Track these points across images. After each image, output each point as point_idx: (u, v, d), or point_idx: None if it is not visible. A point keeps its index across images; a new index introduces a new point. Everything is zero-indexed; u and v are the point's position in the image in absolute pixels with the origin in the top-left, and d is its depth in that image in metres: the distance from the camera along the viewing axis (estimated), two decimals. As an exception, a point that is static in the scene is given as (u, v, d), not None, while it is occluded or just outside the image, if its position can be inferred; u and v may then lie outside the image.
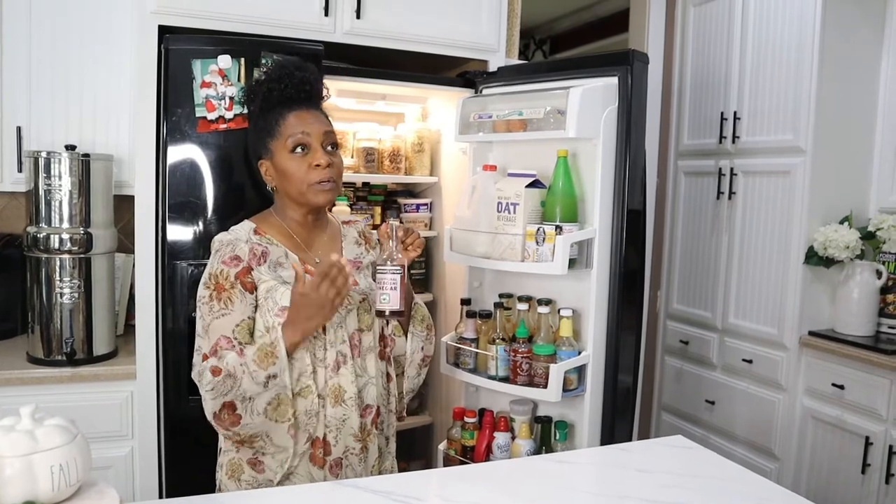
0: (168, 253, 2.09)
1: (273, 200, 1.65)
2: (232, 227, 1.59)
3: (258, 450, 1.51)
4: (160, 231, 2.11)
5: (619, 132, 2.08)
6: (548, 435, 2.16)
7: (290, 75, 1.57)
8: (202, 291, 1.51)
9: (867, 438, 2.38)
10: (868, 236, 2.59)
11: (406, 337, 1.70)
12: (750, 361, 2.85)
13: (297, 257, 1.57)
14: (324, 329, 1.53)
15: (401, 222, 1.79)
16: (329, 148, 1.57)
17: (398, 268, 1.51)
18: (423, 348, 1.73)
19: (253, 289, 1.51)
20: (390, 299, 1.51)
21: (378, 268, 1.52)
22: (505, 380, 2.16)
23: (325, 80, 1.73)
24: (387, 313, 1.53)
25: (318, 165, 1.53)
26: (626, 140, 2.07)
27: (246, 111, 1.74)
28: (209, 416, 1.46)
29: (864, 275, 2.58)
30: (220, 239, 1.56)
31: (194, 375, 1.49)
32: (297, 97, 1.58)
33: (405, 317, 1.66)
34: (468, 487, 1.38)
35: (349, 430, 1.54)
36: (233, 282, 1.49)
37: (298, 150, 1.54)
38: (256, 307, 1.52)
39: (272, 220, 1.61)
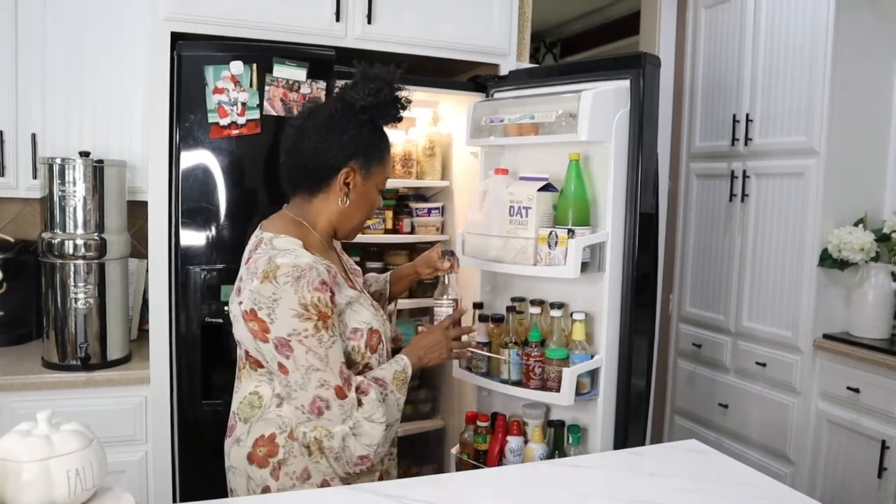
0: (181, 258, 2.11)
1: (286, 201, 1.57)
2: (282, 248, 1.42)
3: (312, 463, 1.44)
4: (173, 236, 2.13)
5: (631, 135, 2.07)
6: (561, 439, 2.15)
7: (396, 99, 1.53)
8: (301, 325, 1.35)
9: (883, 442, 2.36)
10: (883, 238, 2.56)
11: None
12: (764, 365, 2.83)
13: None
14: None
15: (452, 254, 1.86)
16: None
17: (453, 302, 1.76)
18: None
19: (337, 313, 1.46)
20: None
21: (436, 302, 1.75)
22: (518, 384, 2.16)
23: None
24: None
25: (377, 209, 1.59)
26: (639, 143, 2.07)
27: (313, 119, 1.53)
28: (370, 450, 1.40)
29: (879, 277, 2.56)
30: (294, 264, 1.37)
31: (339, 415, 1.38)
32: (397, 119, 1.56)
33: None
34: (481, 491, 1.37)
35: None
36: (332, 307, 1.39)
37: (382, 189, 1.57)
38: None
39: (312, 239, 1.51)
